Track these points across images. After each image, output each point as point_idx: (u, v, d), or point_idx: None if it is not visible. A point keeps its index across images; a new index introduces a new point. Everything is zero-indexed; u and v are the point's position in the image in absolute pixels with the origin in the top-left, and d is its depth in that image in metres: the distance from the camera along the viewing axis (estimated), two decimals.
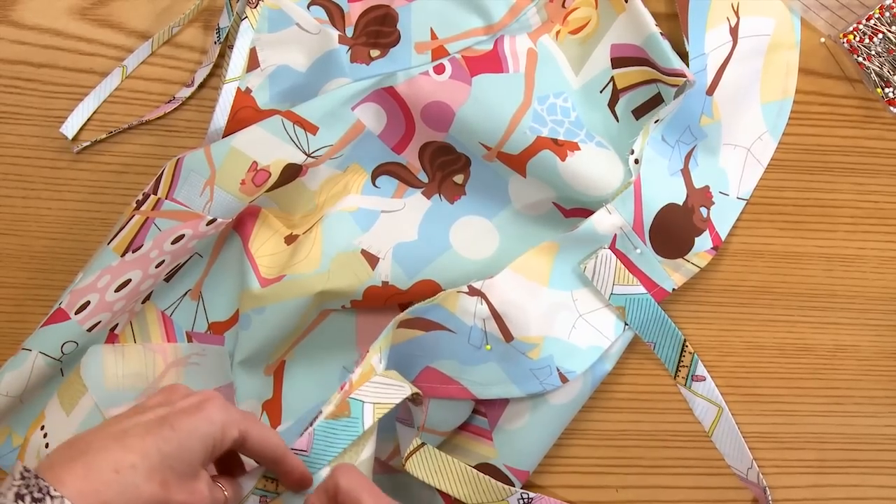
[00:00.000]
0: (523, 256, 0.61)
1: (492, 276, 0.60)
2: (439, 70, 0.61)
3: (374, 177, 0.64)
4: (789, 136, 0.67)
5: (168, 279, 0.63)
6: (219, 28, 0.65)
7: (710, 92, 0.64)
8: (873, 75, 0.66)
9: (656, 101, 0.63)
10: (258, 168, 0.60)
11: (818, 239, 0.66)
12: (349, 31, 0.64)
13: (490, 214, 0.64)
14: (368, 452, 0.54)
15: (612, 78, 0.64)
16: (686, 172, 0.64)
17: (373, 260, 0.62)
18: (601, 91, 0.64)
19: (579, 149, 0.61)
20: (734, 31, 0.65)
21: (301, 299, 0.60)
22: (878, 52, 0.65)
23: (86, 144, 0.65)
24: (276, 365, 0.63)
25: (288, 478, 0.51)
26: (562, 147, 0.61)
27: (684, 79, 0.60)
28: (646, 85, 0.63)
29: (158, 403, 0.47)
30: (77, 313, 0.58)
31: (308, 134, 0.61)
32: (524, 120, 0.61)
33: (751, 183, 0.66)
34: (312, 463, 0.52)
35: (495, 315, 0.59)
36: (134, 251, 0.58)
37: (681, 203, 0.63)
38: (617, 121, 0.64)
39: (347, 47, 0.63)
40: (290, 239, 0.62)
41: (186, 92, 0.65)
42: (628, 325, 0.63)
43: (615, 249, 0.62)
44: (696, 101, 0.64)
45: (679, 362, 0.64)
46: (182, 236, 0.59)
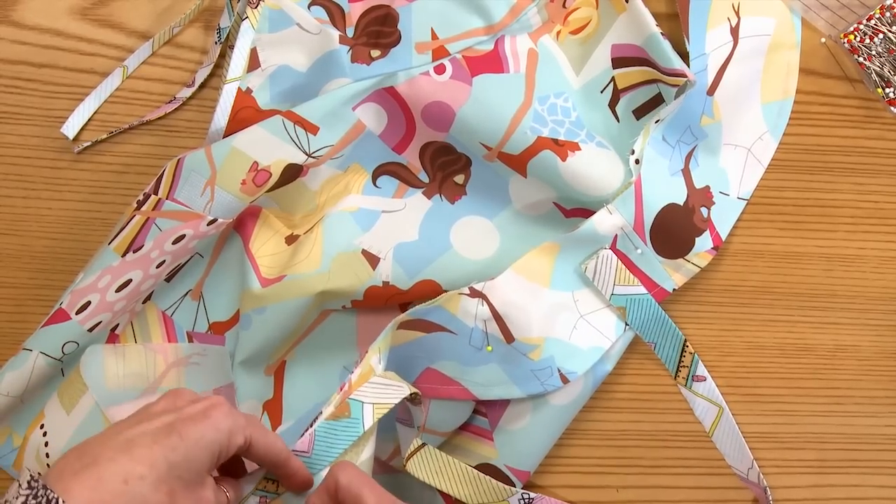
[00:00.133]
0: (524, 257, 0.61)
1: (493, 278, 0.60)
2: (440, 70, 0.61)
3: (375, 177, 0.64)
4: (790, 136, 0.67)
5: (169, 279, 0.63)
6: (219, 28, 0.65)
7: (711, 92, 0.64)
8: (874, 75, 0.66)
9: (657, 102, 0.63)
10: (259, 168, 0.60)
11: (818, 239, 0.66)
12: (350, 32, 0.64)
13: (491, 214, 0.64)
14: (369, 453, 0.54)
15: (613, 78, 0.64)
16: (686, 172, 0.64)
17: (373, 260, 0.62)
18: (602, 91, 0.64)
19: (580, 149, 0.61)
20: (735, 32, 0.65)
21: (302, 299, 0.60)
22: (878, 53, 0.65)
23: (86, 144, 0.65)
24: (276, 365, 0.63)
25: (290, 481, 0.51)
26: (562, 147, 0.61)
27: (685, 79, 0.60)
28: (646, 85, 0.63)
29: (164, 410, 0.47)
30: (78, 313, 0.59)
31: (309, 134, 0.61)
32: (525, 120, 0.61)
33: (751, 183, 0.66)
34: (314, 464, 0.52)
35: (496, 316, 0.59)
36: (135, 251, 0.58)
37: (681, 203, 0.63)
38: (617, 121, 0.64)
39: (348, 47, 0.63)
40: (291, 239, 0.62)
41: (187, 92, 0.65)
42: (629, 326, 0.63)
43: (616, 250, 0.62)
44: (696, 102, 0.64)
45: (679, 362, 0.64)
46: (183, 236, 0.59)
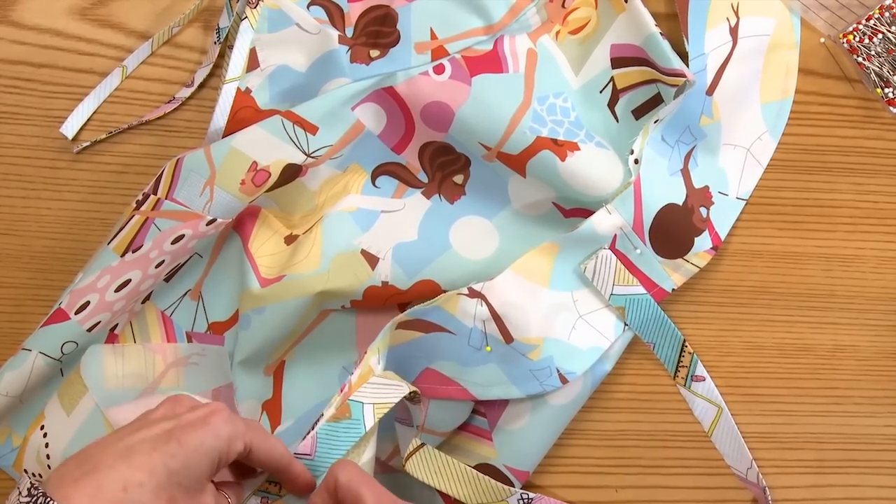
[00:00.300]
0: (524, 257, 0.61)
1: (492, 278, 0.60)
2: (439, 70, 0.61)
3: (374, 177, 0.64)
4: (789, 137, 0.67)
5: (168, 279, 0.63)
6: (219, 28, 0.65)
7: (710, 92, 0.64)
8: (873, 75, 0.66)
9: (656, 102, 0.63)
10: (258, 168, 0.60)
11: (817, 239, 0.66)
12: (349, 32, 0.64)
13: (490, 214, 0.64)
14: (370, 453, 0.54)
15: (612, 78, 0.64)
16: (686, 172, 0.64)
17: (373, 260, 0.62)
18: (601, 91, 0.64)
19: (579, 149, 0.61)
20: (734, 32, 0.65)
21: (301, 299, 0.60)
22: (877, 53, 0.65)
23: (86, 144, 0.65)
24: (275, 365, 0.63)
25: (292, 485, 0.51)
26: (561, 147, 0.61)
27: (684, 79, 0.60)
28: (645, 85, 0.63)
29: (163, 416, 0.46)
30: (77, 313, 0.59)
31: (308, 134, 0.61)
32: (524, 120, 0.61)
33: (750, 183, 0.66)
34: (317, 466, 0.52)
35: (495, 316, 0.59)
36: (134, 251, 0.58)
37: (680, 203, 0.63)
38: (617, 121, 0.64)
39: (347, 47, 0.63)
40: (290, 239, 0.62)
41: (186, 92, 0.65)
42: (628, 326, 0.63)
43: (615, 250, 0.62)
44: (695, 102, 0.64)
45: (678, 362, 0.64)
46: (182, 236, 0.59)
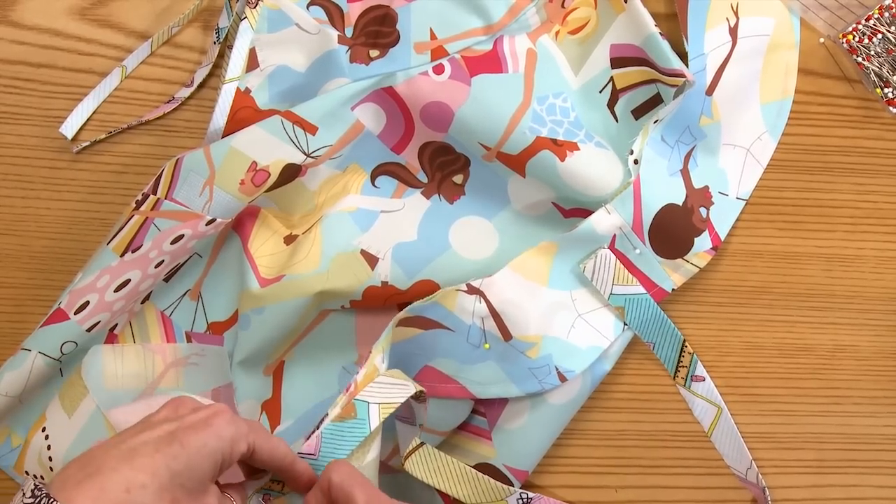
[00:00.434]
0: (522, 256, 0.61)
1: (490, 275, 0.60)
2: (439, 70, 0.61)
3: (374, 177, 0.64)
4: (789, 137, 0.67)
5: (167, 279, 0.63)
6: (218, 28, 0.65)
7: (710, 92, 0.64)
8: (872, 75, 0.66)
9: (656, 102, 0.63)
10: (257, 168, 0.60)
11: (817, 239, 0.66)
12: (348, 32, 0.64)
13: (489, 215, 0.64)
14: (375, 453, 0.54)
15: (612, 78, 0.64)
16: (685, 173, 0.64)
17: (372, 260, 0.62)
18: (600, 91, 0.64)
19: (578, 149, 0.61)
20: (733, 32, 0.65)
21: (300, 299, 0.60)
22: (877, 53, 0.65)
23: (85, 144, 0.65)
24: (275, 365, 0.63)
25: (296, 483, 0.51)
26: (561, 147, 0.61)
27: (683, 79, 0.60)
28: (645, 85, 0.63)
29: (166, 418, 0.46)
30: (76, 313, 0.58)
31: (307, 134, 0.61)
32: (523, 120, 0.61)
33: (750, 183, 0.66)
34: (321, 466, 0.52)
35: (494, 313, 0.59)
36: (133, 251, 0.58)
37: (680, 203, 0.63)
38: (616, 121, 0.64)
39: (347, 47, 0.63)
40: (290, 239, 0.62)
41: (186, 92, 0.65)
42: (627, 325, 0.63)
43: (614, 249, 0.62)
44: (695, 102, 0.64)
45: (678, 362, 0.64)
46: (181, 236, 0.59)
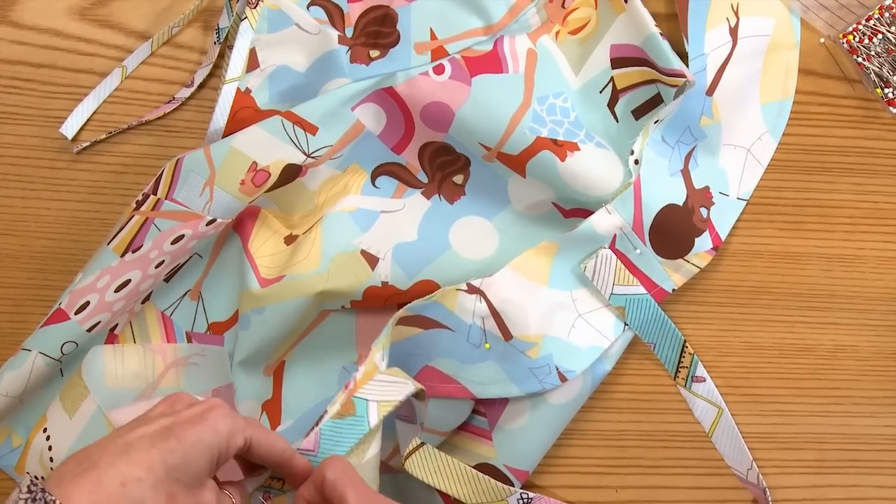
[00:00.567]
0: (522, 255, 0.61)
1: (490, 275, 0.60)
2: (439, 70, 0.61)
3: (374, 177, 0.64)
4: (789, 137, 0.67)
5: (168, 279, 0.63)
6: (218, 28, 0.65)
7: (710, 92, 0.64)
8: (873, 76, 0.66)
9: (656, 102, 0.63)
10: (258, 168, 0.60)
11: (817, 239, 0.66)
12: (349, 32, 0.64)
13: (490, 215, 0.64)
14: (374, 450, 0.54)
15: (612, 78, 0.64)
16: (686, 173, 0.64)
17: (372, 260, 0.62)
18: (601, 91, 0.64)
19: (579, 149, 0.61)
20: (734, 32, 0.65)
21: (300, 300, 0.60)
22: (877, 53, 0.65)
23: (85, 145, 0.65)
24: (275, 365, 0.63)
25: (295, 479, 0.51)
26: (561, 147, 0.61)
27: (684, 79, 0.60)
28: (645, 85, 0.63)
29: (162, 413, 0.46)
30: (77, 313, 0.58)
31: (308, 134, 0.61)
32: (524, 120, 0.61)
33: (751, 183, 0.66)
34: (319, 463, 0.52)
35: (494, 313, 0.59)
36: (133, 251, 0.58)
37: (681, 203, 0.63)
38: (616, 121, 0.64)
39: (347, 48, 0.63)
40: (290, 239, 0.62)
41: (186, 92, 0.65)
42: (628, 326, 0.63)
43: (615, 249, 0.62)
44: (695, 102, 0.64)
45: (679, 363, 0.64)
46: (182, 236, 0.59)
